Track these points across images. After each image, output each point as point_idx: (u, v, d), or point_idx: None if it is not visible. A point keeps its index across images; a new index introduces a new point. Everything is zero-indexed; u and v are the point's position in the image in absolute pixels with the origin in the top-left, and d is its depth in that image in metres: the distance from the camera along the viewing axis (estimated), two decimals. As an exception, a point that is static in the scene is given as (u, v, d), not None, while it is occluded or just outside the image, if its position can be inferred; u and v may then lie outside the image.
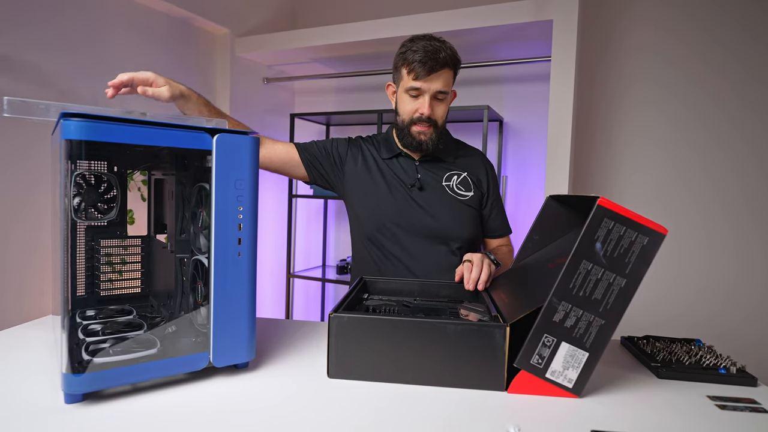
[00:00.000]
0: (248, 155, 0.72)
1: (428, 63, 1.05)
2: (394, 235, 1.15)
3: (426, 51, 1.05)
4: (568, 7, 1.54)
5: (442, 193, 1.16)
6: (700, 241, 1.80)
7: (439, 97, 1.10)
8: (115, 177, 0.80)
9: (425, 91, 1.08)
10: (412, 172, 1.17)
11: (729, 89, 1.75)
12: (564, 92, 1.56)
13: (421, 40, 1.09)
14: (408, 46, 1.10)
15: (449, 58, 1.07)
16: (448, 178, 1.18)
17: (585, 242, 0.68)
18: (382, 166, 1.19)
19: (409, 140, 1.13)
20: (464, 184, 1.18)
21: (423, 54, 1.05)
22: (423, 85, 1.07)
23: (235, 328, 0.72)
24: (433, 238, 1.14)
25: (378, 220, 1.15)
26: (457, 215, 1.15)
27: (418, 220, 1.14)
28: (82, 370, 0.62)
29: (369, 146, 1.23)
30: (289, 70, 2.46)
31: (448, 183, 1.17)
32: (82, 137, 0.61)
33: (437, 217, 1.14)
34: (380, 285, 1.01)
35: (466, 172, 1.20)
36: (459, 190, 1.17)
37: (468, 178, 1.19)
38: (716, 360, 0.81)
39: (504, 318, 0.74)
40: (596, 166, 1.94)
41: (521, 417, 0.63)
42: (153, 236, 0.93)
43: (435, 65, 1.05)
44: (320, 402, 0.66)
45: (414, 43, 1.09)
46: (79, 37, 1.55)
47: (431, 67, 1.05)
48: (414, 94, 1.09)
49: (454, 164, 1.21)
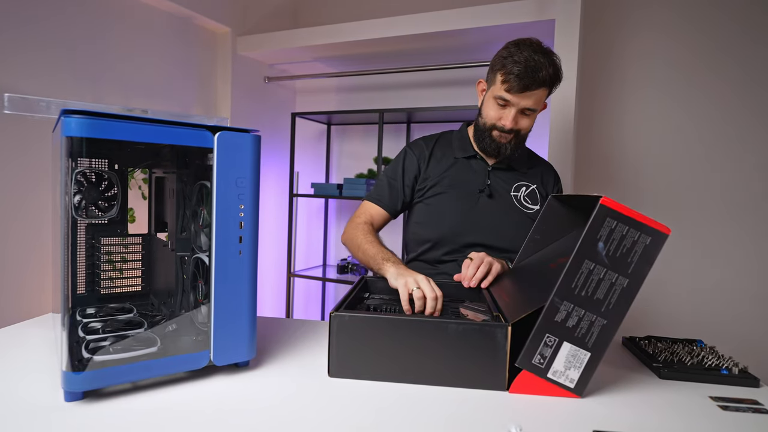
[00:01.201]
0: (249, 153, 0.71)
1: (525, 80, 0.99)
2: (451, 244, 1.12)
3: (527, 66, 0.98)
4: (570, 6, 1.54)
5: (509, 204, 1.13)
6: (704, 241, 1.80)
7: (527, 112, 1.05)
8: (116, 175, 0.80)
9: (514, 105, 1.03)
10: (483, 177, 1.14)
11: (730, 92, 1.74)
12: (566, 91, 1.56)
13: (527, 48, 1.00)
14: (511, 51, 1.01)
15: (548, 78, 1.00)
16: (517, 188, 1.14)
17: (587, 242, 0.67)
18: (453, 168, 1.15)
19: (488, 143, 1.09)
20: (532, 196, 1.14)
21: (523, 69, 0.98)
22: (513, 99, 1.02)
23: (235, 327, 0.72)
24: (493, 249, 1.10)
25: (438, 229, 1.12)
26: (519, 229, 1.10)
27: (480, 230, 1.11)
28: (82, 368, 0.62)
29: (439, 146, 1.19)
30: (290, 69, 2.45)
31: (516, 193, 1.14)
32: (83, 134, 0.60)
33: (499, 229, 1.11)
34: (381, 284, 1.01)
35: (535, 184, 1.16)
36: (526, 202, 1.14)
37: (536, 191, 1.15)
38: (718, 361, 0.81)
39: (506, 318, 0.74)
40: (598, 166, 1.93)
41: (523, 417, 0.63)
42: (154, 234, 0.93)
43: (531, 84, 0.99)
44: (321, 401, 0.66)
45: (518, 50, 1.00)
46: (80, 34, 1.55)
47: (527, 85, 0.99)
48: (502, 103, 1.04)
49: (526, 175, 1.17)
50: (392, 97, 2.34)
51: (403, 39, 1.87)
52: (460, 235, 1.11)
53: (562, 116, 1.57)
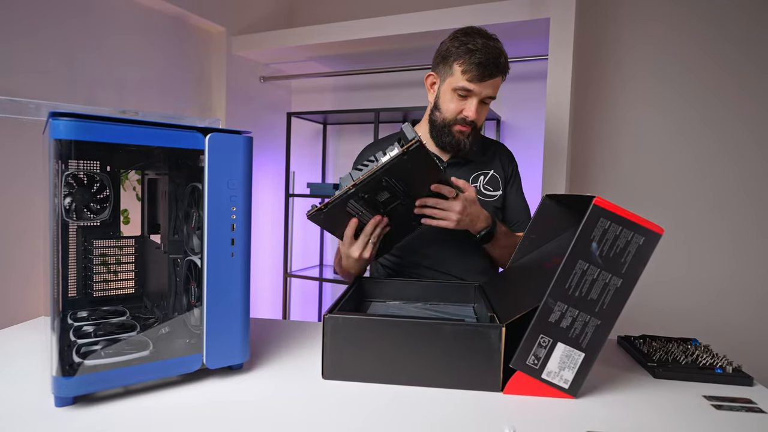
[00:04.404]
0: (241, 155, 0.71)
1: (489, 68, 0.97)
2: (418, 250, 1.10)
3: (487, 53, 0.96)
4: (564, 5, 1.54)
5: None
6: (697, 239, 1.80)
7: (486, 101, 1.04)
8: (107, 177, 0.79)
9: (476, 95, 1.01)
10: None
11: (729, 86, 1.74)
12: (561, 91, 1.56)
13: (479, 36, 0.99)
14: (464, 40, 0.99)
15: (506, 64, 1.00)
16: (475, 179, 1.12)
17: (581, 242, 0.67)
18: None
19: (449, 140, 1.06)
20: (492, 182, 1.12)
21: (483, 56, 0.96)
22: (476, 88, 0.99)
23: (228, 330, 0.72)
24: (461, 242, 1.08)
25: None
26: None
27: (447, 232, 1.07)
28: (72, 373, 0.61)
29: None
30: (285, 69, 2.45)
31: (476, 184, 1.12)
32: (72, 137, 0.60)
33: None
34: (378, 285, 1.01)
35: (493, 169, 1.13)
36: (487, 191, 1.12)
37: (496, 176, 1.13)
38: (712, 359, 0.81)
39: (500, 318, 0.74)
40: (593, 165, 1.93)
41: (517, 418, 0.63)
42: (147, 236, 0.92)
43: (494, 71, 0.98)
44: (314, 403, 0.66)
45: (472, 39, 0.98)
46: (73, 34, 1.54)
47: (490, 73, 0.97)
48: (463, 94, 1.01)
49: (482, 162, 1.14)
50: (388, 97, 2.33)
51: (399, 38, 1.87)
52: (430, 241, 1.10)
53: (557, 115, 1.57)
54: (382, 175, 0.81)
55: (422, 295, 0.99)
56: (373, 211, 0.88)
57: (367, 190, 0.83)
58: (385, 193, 0.86)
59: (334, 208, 0.84)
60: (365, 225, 0.90)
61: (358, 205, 0.86)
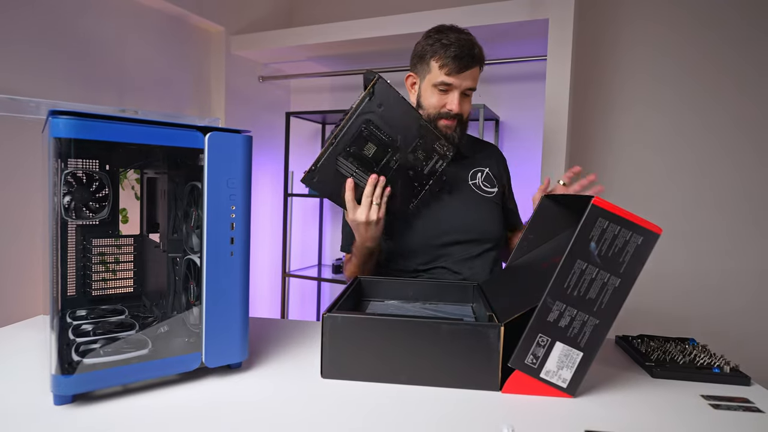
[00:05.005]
0: (241, 154, 0.71)
1: (465, 60, 0.99)
2: (426, 249, 1.10)
3: (461, 46, 0.99)
4: (564, 5, 1.54)
5: (470, 194, 1.12)
6: (696, 239, 1.81)
7: (467, 93, 1.05)
8: (106, 175, 0.79)
9: (456, 88, 1.02)
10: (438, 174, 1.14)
11: (728, 88, 1.75)
12: (560, 91, 1.56)
13: (451, 31, 1.02)
14: (437, 37, 1.02)
15: (481, 55, 1.02)
16: (473, 176, 1.13)
17: (579, 242, 0.68)
18: None
19: None
20: (488, 180, 1.14)
21: (458, 49, 0.98)
22: (455, 81, 1.01)
23: (227, 328, 0.72)
24: (468, 243, 1.08)
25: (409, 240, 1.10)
26: (487, 216, 1.10)
27: (451, 230, 1.09)
28: (71, 371, 0.61)
29: None
30: (284, 68, 2.45)
31: (474, 180, 1.13)
32: (71, 135, 0.60)
33: (469, 223, 1.09)
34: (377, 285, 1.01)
35: (488, 167, 1.15)
36: (485, 186, 1.13)
37: (491, 174, 1.15)
38: (710, 359, 0.82)
39: (498, 318, 0.74)
40: (592, 165, 1.94)
41: (515, 417, 0.63)
42: (146, 235, 0.92)
43: (471, 62, 1.00)
44: (313, 402, 0.66)
45: (444, 35, 1.01)
46: (73, 34, 1.54)
47: (466, 64, 1.00)
48: (443, 89, 1.03)
49: (478, 160, 1.16)
50: (387, 97, 2.33)
51: (397, 38, 1.87)
52: (433, 238, 1.10)
53: (556, 116, 1.57)
54: (360, 123, 0.81)
55: (421, 294, 0.99)
56: (367, 171, 0.89)
57: (350, 143, 0.84)
58: (371, 146, 0.86)
59: (324, 168, 0.85)
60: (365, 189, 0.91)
61: (348, 163, 0.86)
